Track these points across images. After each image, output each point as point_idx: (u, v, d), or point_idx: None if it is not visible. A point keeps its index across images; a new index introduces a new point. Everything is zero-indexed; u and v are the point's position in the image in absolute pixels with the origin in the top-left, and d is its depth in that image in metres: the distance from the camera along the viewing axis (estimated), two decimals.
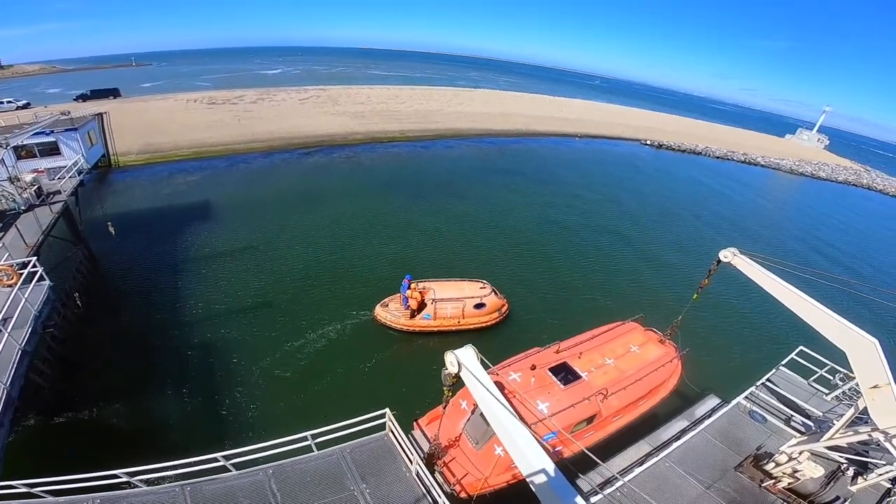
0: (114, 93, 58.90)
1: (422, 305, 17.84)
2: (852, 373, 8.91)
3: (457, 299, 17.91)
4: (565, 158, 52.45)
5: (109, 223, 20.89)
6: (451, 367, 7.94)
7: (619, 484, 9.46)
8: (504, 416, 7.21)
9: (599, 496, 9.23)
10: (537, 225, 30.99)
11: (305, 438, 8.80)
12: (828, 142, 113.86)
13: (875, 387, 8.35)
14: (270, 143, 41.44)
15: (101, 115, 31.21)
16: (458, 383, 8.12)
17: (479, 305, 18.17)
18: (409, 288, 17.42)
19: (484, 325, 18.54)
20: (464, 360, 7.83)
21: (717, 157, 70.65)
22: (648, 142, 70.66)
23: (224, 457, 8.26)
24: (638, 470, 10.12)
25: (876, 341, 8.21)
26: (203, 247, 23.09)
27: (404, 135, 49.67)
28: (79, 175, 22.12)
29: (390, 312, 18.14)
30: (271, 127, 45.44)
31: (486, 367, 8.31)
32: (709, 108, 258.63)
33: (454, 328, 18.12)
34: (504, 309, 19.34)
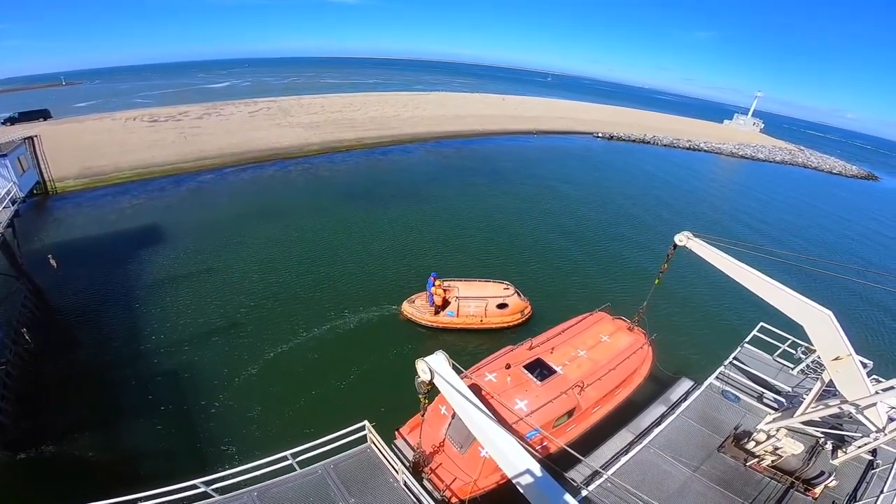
0: (44, 114, 54.79)
1: (446, 303, 18.30)
2: (813, 346, 9.18)
3: (480, 298, 18.34)
4: (522, 156, 53.30)
5: (50, 255, 19.56)
6: (423, 374, 7.82)
7: (607, 475, 9.49)
8: (482, 421, 7.11)
9: (589, 490, 9.22)
10: (498, 223, 31.29)
11: (286, 458, 8.62)
12: (763, 125, 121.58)
13: (837, 359, 8.57)
14: (221, 159, 39.74)
15: (31, 138, 28.98)
16: (434, 390, 7.99)
17: (502, 306, 18.55)
18: (434, 285, 17.79)
19: (507, 325, 18.78)
20: (435, 367, 7.72)
21: (665, 146, 73.98)
22: (600, 134, 73.03)
23: (205, 483, 7.92)
24: (624, 459, 10.21)
25: (830, 313, 8.44)
26: (156, 272, 21.85)
27: (361, 142, 48.99)
28: (13, 205, 20.46)
29: (416, 308, 18.62)
30: (220, 142, 43.63)
31: (459, 371, 8.21)
32: (652, 98, 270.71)
33: (477, 326, 18.51)
34: (527, 311, 19.46)
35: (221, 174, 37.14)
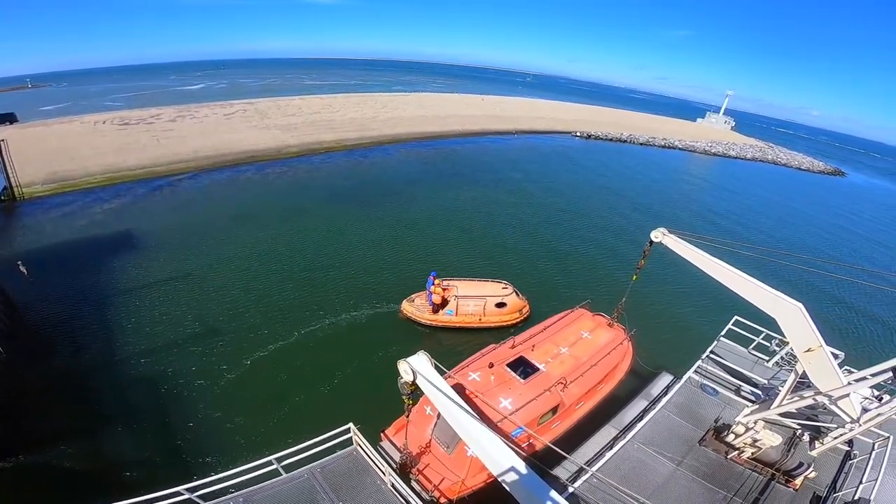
0: (10, 118, 52.60)
1: (445, 302, 18.48)
2: (786, 338, 9.35)
3: (479, 297, 18.57)
4: (502, 156, 53.62)
5: (19, 262, 19.00)
6: (405, 375, 7.80)
7: (593, 471, 9.56)
8: (466, 420, 7.12)
9: (576, 486, 9.28)
10: (482, 222, 31.44)
11: (271, 463, 8.53)
12: (734, 123, 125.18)
13: (809, 350, 8.76)
14: (196, 162, 38.79)
15: None
16: (417, 391, 7.98)
17: (500, 304, 18.76)
18: (433, 284, 17.95)
19: (505, 323, 18.87)
20: (418, 368, 7.70)
21: (641, 144, 75.48)
22: (578, 133, 74.07)
23: (189, 489, 7.81)
24: (609, 454, 10.31)
25: (801, 305, 8.64)
26: (132, 279, 21.23)
27: (341, 144, 48.49)
28: None
29: (416, 307, 18.81)
30: (195, 145, 42.59)
31: (442, 371, 8.19)
32: (628, 97, 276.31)
33: (475, 325, 18.70)
34: (525, 310, 19.60)
35: (196, 178, 36.26)
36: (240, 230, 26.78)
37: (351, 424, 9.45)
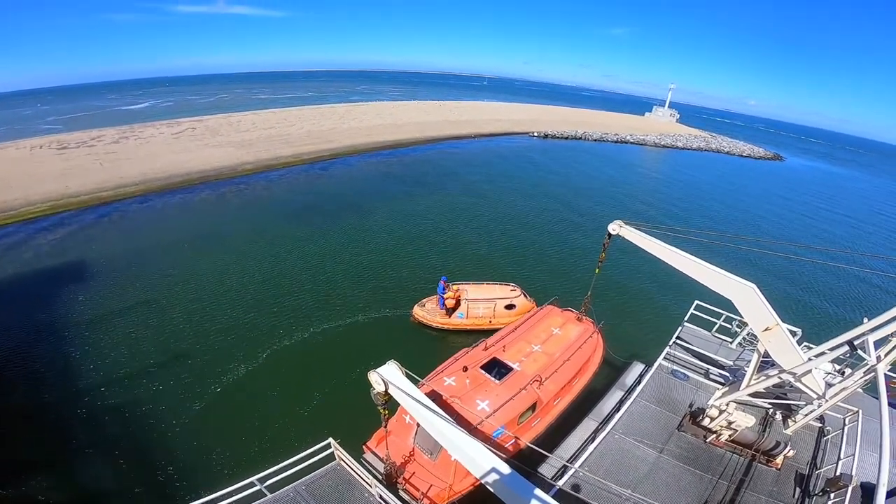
0: None
1: (456, 305, 19.01)
2: (745, 319, 9.55)
3: (488, 300, 18.95)
4: (463, 160, 54.06)
5: None
6: (377, 385, 7.67)
7: (578, 466, 9.57)
8: (444, 427, 7.04)
9: (563, 482, 9.25)
10: (446, 227, 31.48)
11: (254, 484, 8.33)
12: (678, 115, 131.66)
13: (767, 329, 9.01)
14: (145, 185, 36.89)
15: None
16: (392, 401, 7.86)
17: (510, 306, 19.11)
18: (444, 289, 18.41)
19: None
20: (388, 377, 7.59)
21: (595, 140, 78.09)
22: (535, 133, 75.79)
23: None
24: (592, 447, 10.35)
25: (754, 286, 8.91)
26: (87, 310, 20.03)
27: (299, 158, 47.42)
28: None
29: (427, 311, 19.28)
30: (143, 167, 40.53)
31: (416, 379, 8.09)
32: (579, 95, 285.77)
33: (486, 327, 18.73)
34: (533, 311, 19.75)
35: (147, 201, 34.46)
36: (197, 253, 25.64)
37: (331, 439, 9.34)
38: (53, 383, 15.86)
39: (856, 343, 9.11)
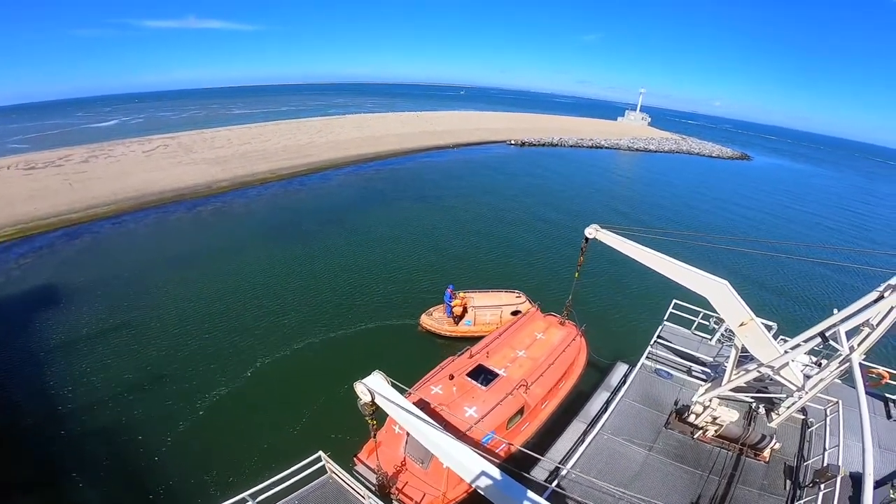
0: None
1: (464, 313, 19.33)
2: (721, 315, 9.71)
3: (494, 307, 19.29)
4: (442, 171, 54.41)
5: None
6: (363, 396, 7.67)
7: (569, 468, 9.59)
8: (433, 434, 7.04)
9: (555, 485, 9.22)
10: (432, 239, 31.59)
11: (245, 500, 8.26)
12: (650, 119, 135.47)
13: (742, 324, 9.19)
14: (117, 205, 35.90)
15: None
16: (379, 411, 7.86)
17: (515, 313, 19.08)
18: (452, 297, 18.75)
19: None
20: (375, 388, 7.60)
21: (571, 146, 79.67)
22: (513, 142, 76.85)
23: None
24: (582, 448, 10.37)
25: (726, 283, 9.09)
26: (62, 335, 19.45)
27: (276, 174, 46.90)
28: None
29: (435, 320, 19.55)
30: (114, 187, 39.48)
31: (403, 389, 8.08)
32: (554, 102, 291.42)
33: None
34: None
35: (119, 221, 33.54)
36: (174, 273, 25.00)
37: (321, 452, 9.22)
38: (32, 410, 15.42)
39: (827, 334, 9.37)
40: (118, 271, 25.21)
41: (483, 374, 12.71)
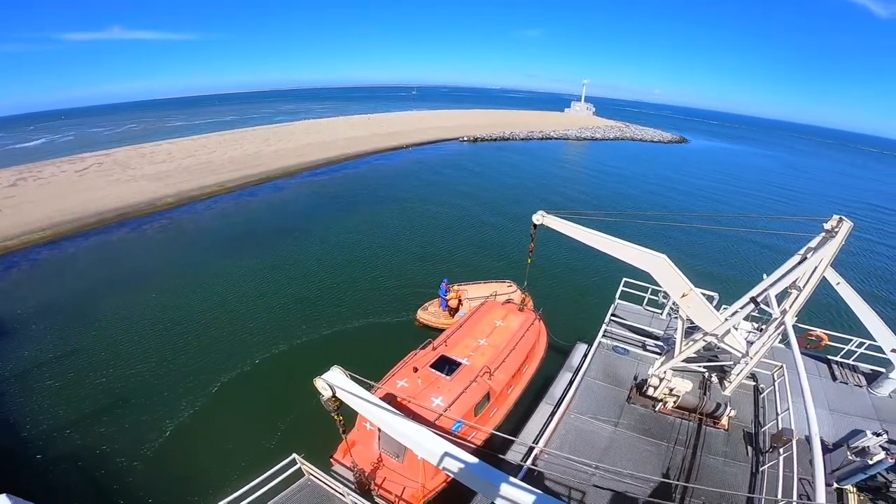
0: None
1: (459, 305, 19.71)
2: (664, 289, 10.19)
3: (488, 297, 19.37)
4: (396, 171, 54.34)
5: None
6: (324, 392, 7.61)
7: (541, 446, 9.89)
8: (401, 426, 7.10)
9: (529, 465, 9.48)
10: (386, 241, 31.61)
11: None
12: (594, 109, 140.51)
13: (684, 296, 9.76)
14: (53, 230, 33.43)
15: None
16: (343, 406, 7.83)
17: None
18: (447, 291, 19.21)
19: None
20: (335, 383, 7.52)
21: (522, 139, 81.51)
22: (465, 138, 77.62)
23: None
24: (550, 428, 10.65)
25: (664, 256, 9.65)
26: (7, 366, 18.30)
27: (224, 187, 45.14)
28: None
29: (431, 314, 19.92)
30: (48, 210, 36.73)
31: (368, 385, 8.12)
32: (504, 97, 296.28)
33: None
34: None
35: (57, 246, 31.25)
36: (123, 295, 23.68)
37: (294, 455, 9.20)
38: None
39: (759, 299, 10.19)
40: (61, 298, 23.58)
41: (447, 365, 12.88)
